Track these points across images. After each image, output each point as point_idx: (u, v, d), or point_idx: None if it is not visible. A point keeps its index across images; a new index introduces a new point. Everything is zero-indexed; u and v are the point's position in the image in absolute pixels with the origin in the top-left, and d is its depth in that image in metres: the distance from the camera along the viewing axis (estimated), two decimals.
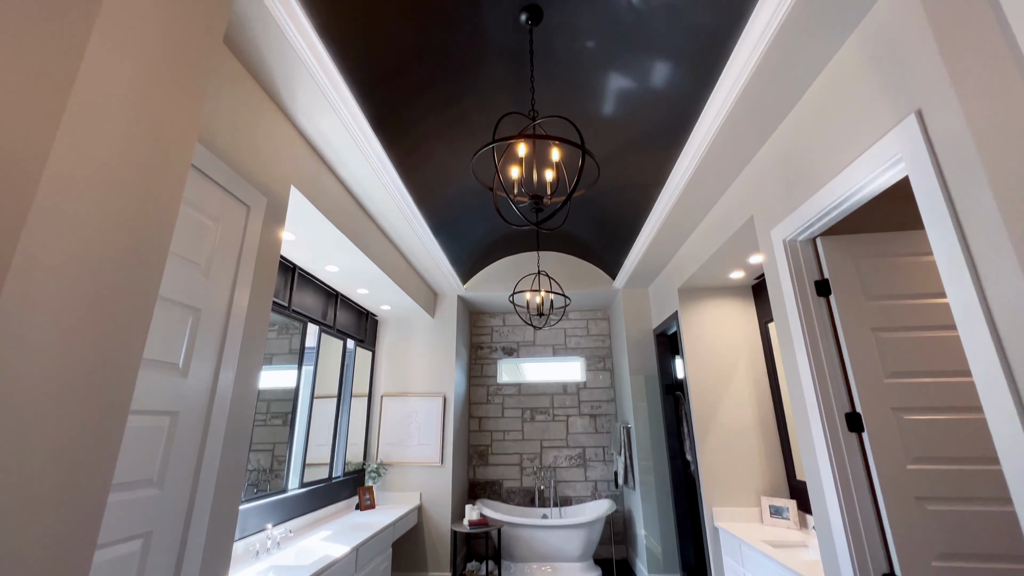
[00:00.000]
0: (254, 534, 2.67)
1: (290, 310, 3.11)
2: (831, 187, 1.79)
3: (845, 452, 1.82)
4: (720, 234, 2.89)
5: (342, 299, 3.96)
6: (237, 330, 1.64)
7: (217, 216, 1.59)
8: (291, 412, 3.13)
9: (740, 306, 3.73)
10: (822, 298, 2.02)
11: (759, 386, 3.54)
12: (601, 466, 5.21)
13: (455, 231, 3.86)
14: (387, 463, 4.42)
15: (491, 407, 5.49)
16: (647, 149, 2.72)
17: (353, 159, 2.45)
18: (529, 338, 5.70)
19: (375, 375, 4.72)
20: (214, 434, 1.51)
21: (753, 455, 3.41)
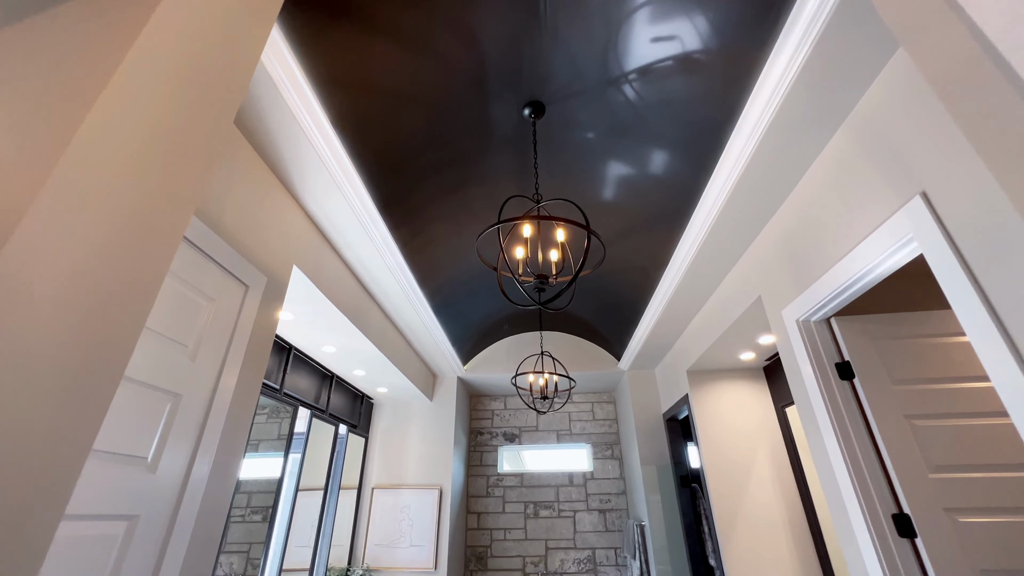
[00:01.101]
0: None
1: (281, 393, 2.96)
2: (841, 267, 1.76)
3: (900, 563, 1.59)
4: (727, 314, 2.83)
5: (337, 381, 3.80)
6: (219, 416, 1.51)
7: (213, 296, 1.54)
8: (272, 507, 2.84)
9: (754, 389, 3.56)
10: (846, 382, 1.90)
11: (783, 476, 3.26)
12: (614, 572, 4.66)
13: (456, 311, 3.81)
14: (374, 568, 3.95)
15: (491, 501, 5.05)
16: (649, 232, 2.76)
17: (358, 240, 2.47)
18: (532, 423, 5.41)
19: (367, 464, 4.40)
20: (178, 539, 1.32)
21: (785, 558, 3.04)
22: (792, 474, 3.26)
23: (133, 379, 1.23)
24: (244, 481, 2.72)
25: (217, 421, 1.50)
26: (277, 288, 1.93)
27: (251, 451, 2.84)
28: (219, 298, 1.57)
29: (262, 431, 3.07)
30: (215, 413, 1.50)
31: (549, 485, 5.09)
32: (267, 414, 3.10)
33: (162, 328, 1.33)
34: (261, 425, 3.05)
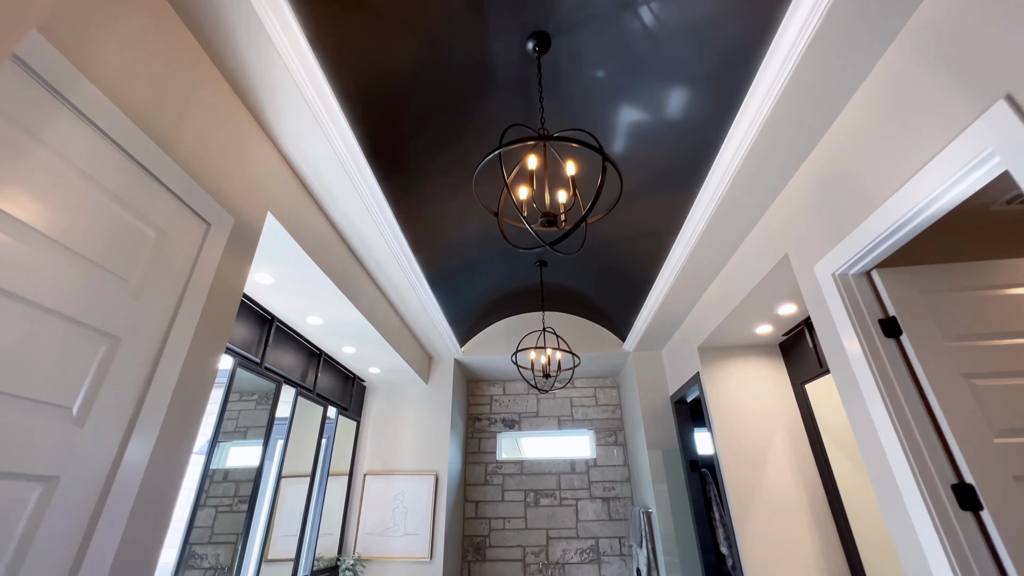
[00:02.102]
0: None
1: (262, 367, 2.73)
2: (888, 208, 1.54)
3: (963, 539, 1.38)
4: (747, 279, 2.61)
5: (325, 359, 3.57)
6: (170, 373, 1.28)
7: (163, 228, 1.31)
8: (251, 494, 2.61)
9: (769, 366, 3.35)
10: (891, 340, 1.69)
11: (802, 460, 3.05)
12: (618, 562, 4.45)
13: (453, 286, 3.58)
14: (366, 558, 3.73)
15: (490, 489, 4.83)
16: (661, 191, 2.53)
17: (344, 192, 2.23)
18: (532, 409, 5.19)
19: (359, 449, 4.17)
20: (114, 516, 1.09)
21: (806, 543, 2.83)
22: (812, 455, 3.06)
23: (51, 308, 1.00)
24: (232, 470, 2.50)
25: (167, 378, 1.27)
26: (247, 235, 1.70)
27: (238, 439, 2.62)
28: (171, 232, 1.33)
29: (250, 418, 2.85)
30: (165, 369, 1.26)
31: (550, 472, 4.88)
32: (256, 400, 2.88)
33: (94, 253, 1.10)
34: (249, 412, 2.84)
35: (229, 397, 2.43)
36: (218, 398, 2.41)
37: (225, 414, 2.58)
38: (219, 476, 2.42)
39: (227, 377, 2.44)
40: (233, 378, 2.46)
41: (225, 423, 2.51)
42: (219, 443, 2.42)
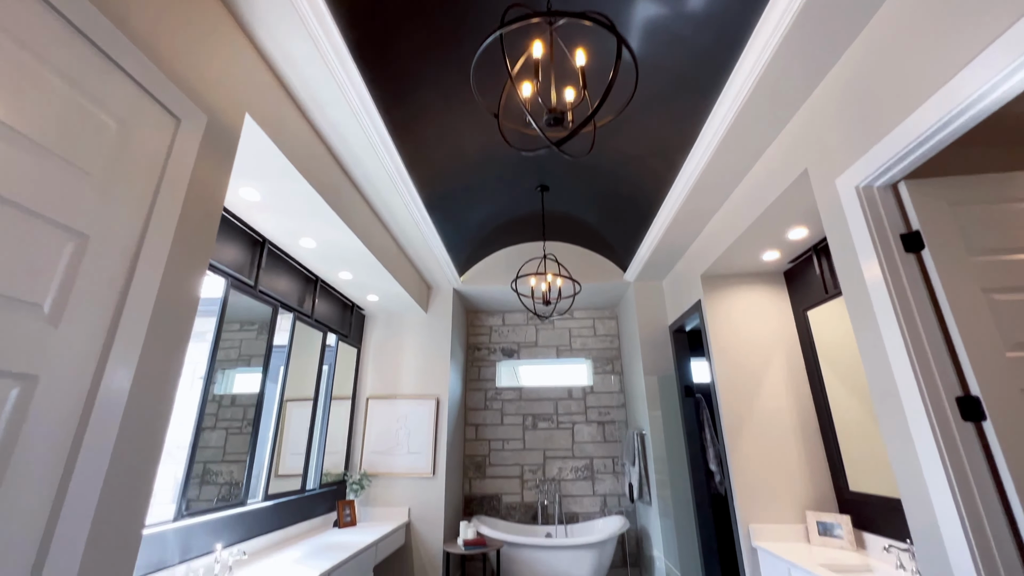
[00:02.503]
0: (198, 557, 2.18)
1: (256, 290, 2.67)
2: (926, 110, 1.39)
3: (961, 447, 1.38)
4: (759, 201, 2.48)
5: (322, 286, 3.52)
6: (149, 280, 1.20)
7: (124, 117, 1.17)
8: (255, 417, 2.66)
9: (772, 295, 3.31)
10: (911, 255, 1.61)
11: (797, 385, 3.10)
12: (611, 479, 4.71)
13: (451, 211, 3.44)
14: (372, 474, 3.92)
15: (489, 413, 5.00)
16: (675, 100, 2.33)
17: (329, 97, 2.04)
18: (531, 339, 5.25)
19: (360, 375, 4.25)
20: (100, 425, 1.06)
21: (794, 464, 2.95)
22: (807, 380, 3.10)
23: (3, 197, 0.89)
24: (238, 395, 2.58)
25: (147, 284, 1.19)
26: (225, 138, 1.55)
27: (243, 366, 2.65)
28: (133, 123, 1.20)
29: (252, 347, 2.86)
30: (144, 274, 1.18)
31: (548, 399, 5.03)
32: (256, 329, 2.87)
33: (46, 138, 0.98)
34: (251, 341, 2.84)
35: (224, 320, 2.39)
36: (214, 324, 2.37)
37: (227, 342, 2.57)
38: (227, 401, 2.50)
39: (220, 299, 2.38)
40: (227, 301, 2.41)
41: (228, 351, 2.55)
42: (224, 370, 2.46)
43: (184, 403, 2.27)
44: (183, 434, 2.23)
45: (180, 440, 2.23)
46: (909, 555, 2.16)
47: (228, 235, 2.44)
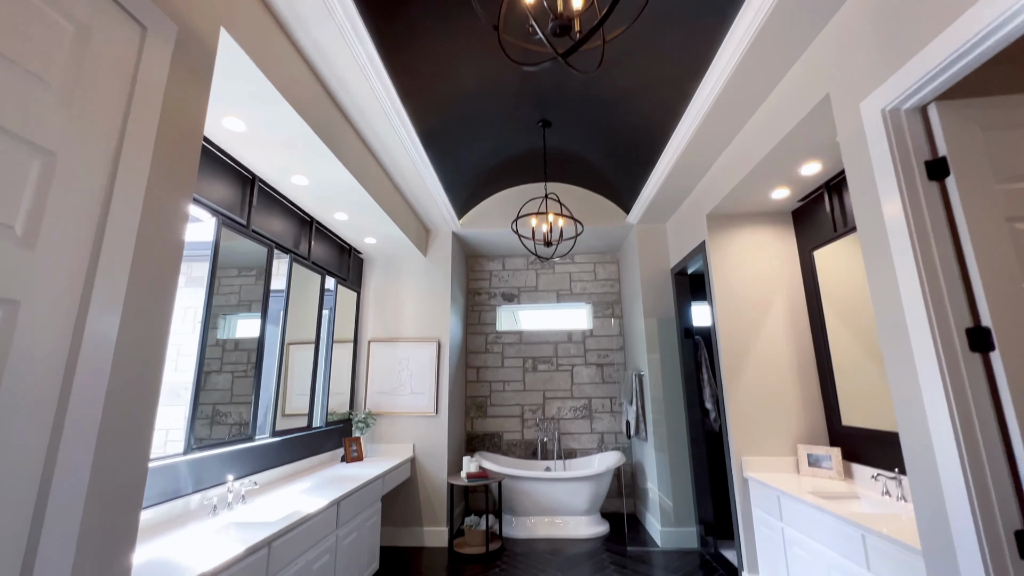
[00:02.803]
0: (213, 487, 2.26)
1: (249, 229, 2.59)
2: (970, 18, 1.26)
3: (966, 378, 1.38)
4: (775, 132, 2.35)
5: (318, 228, 3.43)
6: (130, 204, 1.13)
7: (83, 21, 1.05)
8: (256, 360, 2.67)
9: (778, 235, 3.24)
10: (934, 182, 1.53)
11: (798, 325, 3.11)
12: (608, 418, 4.87)
13: (448, 147, 3.29)
14: (376, 413, 4.03)
15: (490, 356, 5.08)
16: (688, 22, 2.14)
17: (312, 13, 1.86)
18: (531, 284, 5.23)
19: (361, 319, 4.26)
20: (92, 354, 1.03)
21: (789, 400, 3.01)
22: (808, 320, 3.10)
23: None
24: (241, 340, 2.62)
25: (127, 209, 1.12)
26: (199, 53, 1.42)
27: (244, 311, 2.65)
28: (94, 28, 1.08)
29: (252, 292, 2.84)
30: (122, 197, 1.11)
31: (548, 342, 5.09)
32: (255, 275, 2.83)
33: None
34: (251, 287, 2.82)
35: (219, 261, 2.33)
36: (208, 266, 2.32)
37: (227, 288, 2.55)
38: (231, 346, 2.56)
39: (212, 239, 2.31)
40: (219, 240, 2.34)
41: (229, 296, 2.57)
42: (226, 316, 2.50)
43: (188, 347, 2.27)
44: (188, 376, 2.25)
45: (187, 382, 2.26)
46: (896, 483, 2.25)
47: (216, 171, 2.33)
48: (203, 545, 1.70)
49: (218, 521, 2.02)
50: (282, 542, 1.93)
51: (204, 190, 2.24)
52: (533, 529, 4.01)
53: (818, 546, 2.20)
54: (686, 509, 3.75)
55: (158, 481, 1.96)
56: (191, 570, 1.47)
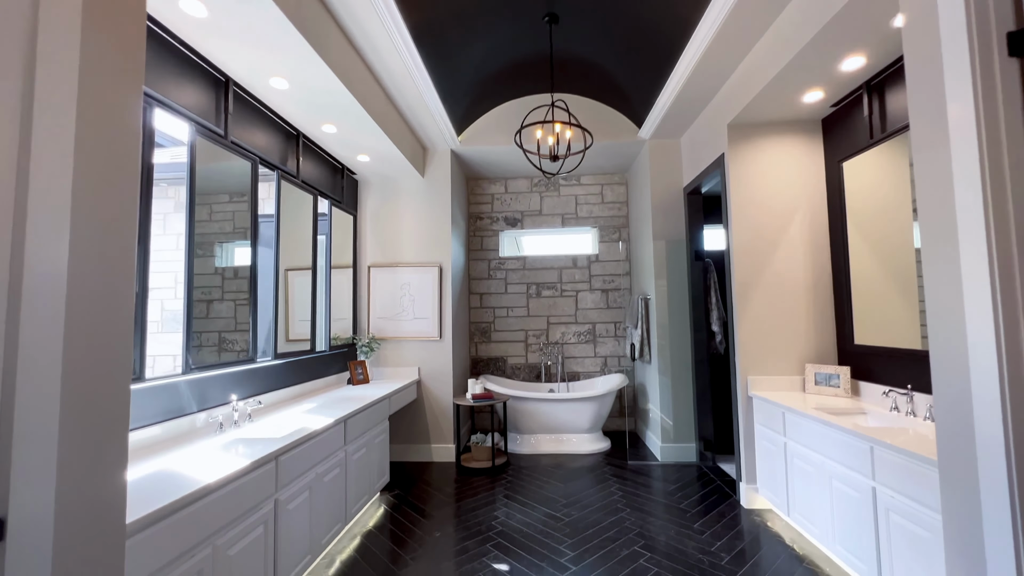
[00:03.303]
0: (217, 407, 2.26)
1: (227, 140, 2.37)
2: None
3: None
4: (815, 19, 2.04)
5: (306, 143, 3.18)
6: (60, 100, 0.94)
7: None
8: (250, 286, 2.56)
9: (804, 146, 2.99)
10: (1014, 59, 1.29)
11: (817, 243, 2.95)
12: (612, 342, 4.88)
13: (443, 47, 2.94)
14: (380, 338, 4.02)
15: (493, 282, 5.00)
16: None
17: None
18: (535, 207, 5.01)
19: (359, 243, 4.12)
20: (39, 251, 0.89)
21: (800, 320, 2.94)
22: (828, 239, 2.94)
23: None
24: (239, 267, 2.55)
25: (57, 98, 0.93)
26: None
27: (239, 239, 2.54)
28: None
29: (246, 219, 2.69)
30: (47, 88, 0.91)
31: (552, 268, 4.97)
32: (247, 201, 2.66)
33: None
34: (244, 214, 2.71)
35: (196, 172, 2.14)
36: (188, 188, 2.13)
37: (219, 215, 2.42)
38: (230, 274, 2.50)
39: (187, 144, 2.10)
40: (195, 151, 2.13)
41: (223, 224, 2.46)
42: (222, 243, 2.42)
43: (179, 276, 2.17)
44: (173, 303, 2.20)
45: (172, 309, 2.20)
46: (906, 399, 2.22)
47: (183, 71, 2.06)
48: (210, 459, 1.70)
49: (225, 438, 2.02)
50: (289, 456, 1.94)
51: (172, 92, 2.00)
52: (537, 446, 4.16)
53: (821, 458, 2.22)
54: (686, 427, 3.84)
55: (161, 400, 1.94)
56: (197, 482, 1.45)
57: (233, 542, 1.58)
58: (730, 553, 2.35)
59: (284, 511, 1.91)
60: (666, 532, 2.59)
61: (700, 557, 2.32)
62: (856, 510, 1.96)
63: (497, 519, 2.80)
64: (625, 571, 2.21)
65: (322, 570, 2.26)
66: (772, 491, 2.69)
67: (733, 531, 2.59)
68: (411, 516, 2.87)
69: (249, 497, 1.66)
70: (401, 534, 2.64)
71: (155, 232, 1.96)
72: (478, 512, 2.91)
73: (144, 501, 1.29)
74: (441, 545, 2.50)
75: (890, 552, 1.78)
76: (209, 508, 1.45)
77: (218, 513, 1.49)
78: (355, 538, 2.59)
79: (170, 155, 2.26)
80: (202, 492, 1.42)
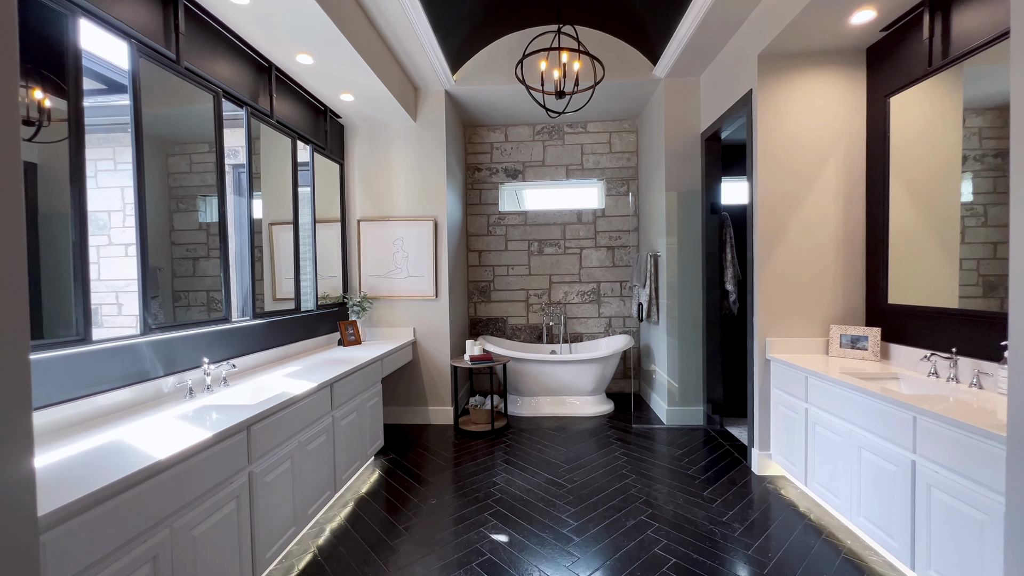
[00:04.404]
0: (188, 370, 2.05)
1: (180, 65, 2.03)
2: None
3: None
4: None
5: (280, 77, 2.82)
6: None
7: None
8: (219, 229, 2.29)
9: (844, 80, 2.63)
10: None
11: (851, 192, 2.66)
12: (617, 302, 4.66)
13: None
14: (372, 297, 3.80)
15: (492, 239, 4.72)
16: None
17: None
18: (537, 157, 4.65)
19: (348, 195, 3.82)
20: None
21: (826, 277, 2.69)
22: (864, 188, 2.65)
23: None
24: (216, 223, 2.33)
25: None
26: None
27: (214, 193, 2.28)
28: None
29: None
30: None
31: (555, 223, 4.68)
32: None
33: None
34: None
35: (140, 100, 1.82)
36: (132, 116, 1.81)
37: (199, 166, 2.15)
38: (215, 229, 2.30)
39: (128, 70, 1.78)
40: (137, 76, 1.80)
41: (204, 176, 2.22)
42: (204, 197, 2.21)
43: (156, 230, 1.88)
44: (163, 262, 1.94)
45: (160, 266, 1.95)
46: (949, 364, 2.00)
47: None
48: (170, 430, 1.50)
49: (193, 405, 1.83)
50: (264, 426, 1.74)
51: (104, 2, 1.66)
52: (538, 408, 4.02)
53: (849, 427, 2.03)
54: (694, 390, 3.68)
55: (116, 364, 1.73)
56: (149, 458, 1.25)
57: (197, 521, 1.40)
58: (743, 523, 2.21)
59: (261, 483, 1.74)
60: (674, 500, 2.45)
61: (711, 528, 2.18)
62: (890, 484, 1.79)
63: (496, 485, 2.67)
64: (631, 543, 2.07)
65: (309, 540, 2.14)
66: (788, 459, 2.54)
67: (745, 499, 2.45)
68: (406, 482, 2.75)
69: (214, 472, 1.47)
70: (395, 501, 2.51)
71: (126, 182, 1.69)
72: (476, 478, 2.78)
73: (83, 482, 1.10)
74: (437, 513, 2.37)
75: (928, 530, 1.62)
76: (161, 487, 1.26)
77: (173, 492, 1.30)
78: (347, 505, 2.46)
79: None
80: (150, 471, 1.22)
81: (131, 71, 1.79)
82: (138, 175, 1.82)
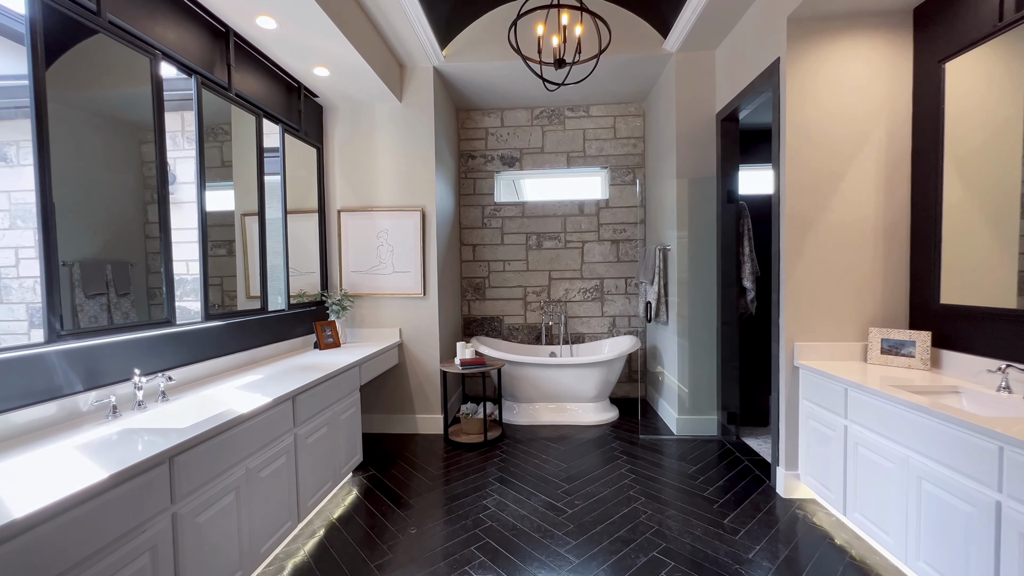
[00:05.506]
0: (119, 383, 1.73)
1: (104, 19, 1.69)
2: None
3: None
4: None
5: (241, 45, 2.48)
6: None
7: None
8: (159, 215, 1.95)
9: (888, 46, 2.29)
10: None
11: (894, 176, 2.32)
12: (622, 300, 4.32)
13: None
14: (354, 295, 3.47)
15: (487, 232, 4.38)
16: None
17: None
18: (536, 144, 4.31)
19: (327, 183, 3.48)
20: None
21: (864, 274, 2.35)
22: (909, 170, 2.30)
23: None
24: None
25: None
26: None
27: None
28: None
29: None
30: None
31: (555, 215, 4.34)
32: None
33: None
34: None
35: (40, 66, 1.49)
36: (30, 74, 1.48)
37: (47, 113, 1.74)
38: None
39: (26, 27, 1.44)
40: (36, 33, 1.47)
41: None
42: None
43: None
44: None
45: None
46: None
47: None
48: (66, 464, 1.18)
49: (113, 427, 1.50)
50: (193, 454, 1.42)
51: None
52: (536, 415, 3.69)
53: (904, 452, 1.69)
54: (707, 397, 3.35)
55: (16, 379, 1.40)
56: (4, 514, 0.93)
57: None
58: (773, 562, 1.89)
59: (191, 526, 1.41)
60: (691, 530, 2.13)
61: (736, 568, 1.85)
62: (964, 527, 1.46)
63: (487, 510, 2.35)
64: None
65: None
66: (821, 481, 2.21)
67: (772, 530, 2.12)
68: (384, 505, 2.42)
69: (115, 522, 1.15)
70: (370, 530, 2.19)
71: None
72: (464, 500, 2.46)
73: None
74: (415, 547, 2.05)
75: None
76: (26, 552, 0.94)
77: (48, 556, 0.98)
78: (315, 535, 2.15)
79: None
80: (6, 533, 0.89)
81: (28, 17, 1.45)
82: (39, 158, 1.48)
